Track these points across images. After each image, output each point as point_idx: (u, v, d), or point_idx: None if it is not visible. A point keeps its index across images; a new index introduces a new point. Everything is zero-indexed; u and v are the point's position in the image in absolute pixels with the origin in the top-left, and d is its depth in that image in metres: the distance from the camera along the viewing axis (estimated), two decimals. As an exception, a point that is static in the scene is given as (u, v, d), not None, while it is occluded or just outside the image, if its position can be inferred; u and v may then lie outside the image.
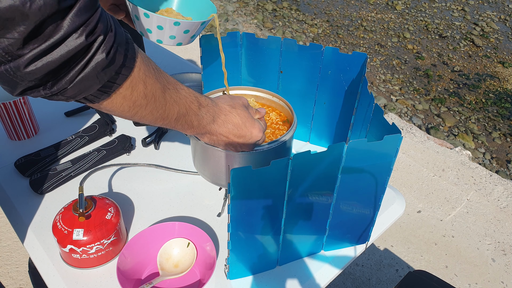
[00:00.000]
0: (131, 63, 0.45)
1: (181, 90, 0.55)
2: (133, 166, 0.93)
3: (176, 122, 0.56)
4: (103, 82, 0.42)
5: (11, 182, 0.88)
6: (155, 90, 0.50)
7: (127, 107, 0.48)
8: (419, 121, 3.32)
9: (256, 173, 0.56)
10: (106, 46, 0.40)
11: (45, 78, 0.39)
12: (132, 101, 0.47)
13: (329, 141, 1.00)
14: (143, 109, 0.50)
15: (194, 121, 0.59)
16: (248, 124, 0.65)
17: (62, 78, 0.39)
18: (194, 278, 0.70)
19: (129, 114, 0.50)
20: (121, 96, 0.46)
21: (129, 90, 0.46)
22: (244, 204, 0.60)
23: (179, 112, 0.55)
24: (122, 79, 0.45)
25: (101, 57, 0.40)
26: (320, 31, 4.53)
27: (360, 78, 0.83)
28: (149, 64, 0.49)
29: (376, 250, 1.85)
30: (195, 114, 0.58)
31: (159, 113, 0.52)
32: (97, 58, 0.40)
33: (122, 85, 0.45)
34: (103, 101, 0.45)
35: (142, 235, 0.71)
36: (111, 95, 0.45)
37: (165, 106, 0.52)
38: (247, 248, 0.67)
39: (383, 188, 0.68)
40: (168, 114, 0.54)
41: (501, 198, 2.15)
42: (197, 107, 0.58)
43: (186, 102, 0.56)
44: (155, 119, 0.53)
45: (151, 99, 0.50)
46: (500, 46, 4.52)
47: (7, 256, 1.69)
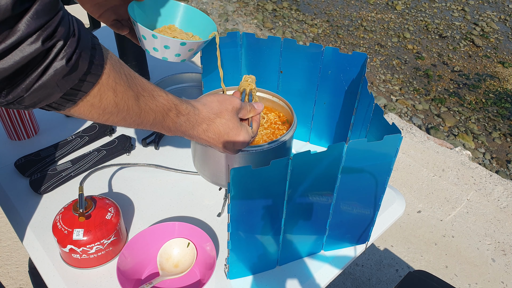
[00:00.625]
0: (98, 70, 0.42)
1: (158, 97, 0.52)
2: (133, 166, 0.93)
3: (152, 126, 0.54)
4: (64, 90, 0.39)
5: (11, 182, 0.88)
6: (127, 98, 0.46)
7: (96, 114, 0.45)
8: (419, 121, 3.32)
9: (256, 173, 0.56)
10: (66, 52, 0.37)
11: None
12: (102, 108, 0.44)
13: (329, 141, 1.00)
14: (115, 116, 0.47)
15: (172, 127, 0.56)
16: (232, 133, 0.63)
17: (18, 86, 0.36)
18: (194, 278, 0.70)
19: (100, 120, 0.47)
20: (88, 104, 0.43)
21: (97, 98, 0.43)
22: (244, 204, 0.60)
23: (155, 119, 0.53)
24: (88, 87, 0.41)
25: (60, 64, 0.37)
26: (320, 31, 4.53)
27: (360, 78, 0.83)
28: (121, 69, 0.46)
29: (376, 250, 1.85)
30: (172, 121, 0.55)
31: (133, 120, 0.50)
32: (56, 65, 0.37)
33: (89, 93, 0.42)
34: (70, 108, 0.42)
35: (142, 235, 0.71)
36: (77, 103, 0.42)
37: (139, 114, 0.50)
38: (247, 248, 0.67)
39: (383, 188, 0.68)
40: (143, 121, 0.51)
41: (501, 198, 2.15)
42: (175, 115, 0.55)
43: (163, 109, 0.53)
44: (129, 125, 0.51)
45: (123, 107, 0.47)
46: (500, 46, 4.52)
47: (7, 256, 1.69)
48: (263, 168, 0.56)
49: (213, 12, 4.66)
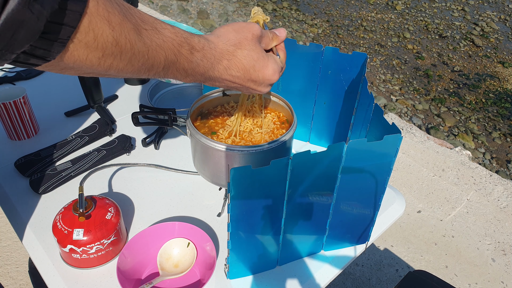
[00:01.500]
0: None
1: (163, 30, 0.43)
2: (133, 166, 0.93)
3: (165, 71, 0.46)
4: (42, 19, 0.31)
5: (11, 182, 0.88)
6: (127, 31, 0.38)
7: (95, 59, 0.37)
8: (419, 121, 3.32)
9: (256, 172, 0.56)
10: None
11: None
12: (100, 49, 0.36)
13: (329, 141, 1.00)
14: (118, 59, 0.39)
15: (188, 69, 0.48)
16: (258, 65, 0.54)
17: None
18: (194, 278, 0.70)
19: (102, 69, 0.39)
20: (82, 45, 0.35)
21: (91, 35, 0.35)
22: (244, 204, 0.60)
23: (166, 59, 0.44)
24: (75, 18, 0.33)
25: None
26: (320, 31, 4.53)
27: (360, 78, 0.83)
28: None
29: (376, 250, 1.85)
30: (187, 60, 0.47)
31: (141, 63, 0.42)
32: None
33: (78, 28, 0.34)
34: (61, 55, 0.34)
35: (142, 235, 0.71)
36: (67, 44, 0.34)
37: (147, 53, 0.41)
38: (247, 248, 0.67)
39: (383, 188, 0.68)
40: (153, 64, 0.43)
41: (501, 198, 2.15)
42: (189, 51, 0.46)
43: (173, 45, 0.44)
44: (138, 71, 0.42)
45: (125, 45, 0.38)
46: (500, 46, 4.52)
47: (7, 256, 1.69)
48: (263, 168, 0.56)
49: (213, 12, 4.66)
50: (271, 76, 0.57)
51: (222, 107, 0.87)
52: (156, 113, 0.88)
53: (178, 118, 0.87)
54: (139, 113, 0.87)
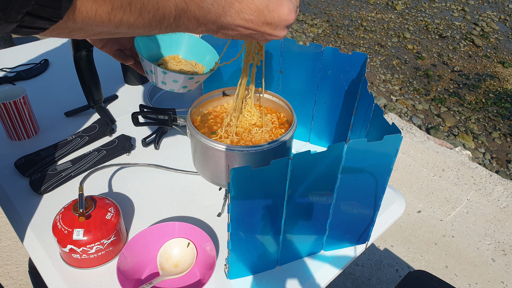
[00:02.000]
0: None
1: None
2: (133, 166, 0.93)
3: (176, 22, 0.44)
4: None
5: (11, 182, 0.88)
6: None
7: (105, 13, 0.35)
8: (419, 121, 3.32)
9: (256, 172, 0.56)
10: None
11: None
12: (109, 2, 0.35)
13: (329, 141, 1.00)
14: (128, 12, 0.37)
15: (199, 16, 0.46)
16: (272, 5, 0.52)
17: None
18: (194, 278, 0.70)
19: (112, 25, 0.37)
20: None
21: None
22: (244, 204, 0.60)
23: (177, 7, 0.42)
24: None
25: None
26: (320, 31, 4.53)
27: (360, 78, 0.83)
28: None
29: (376, 250, 1.85)
30: (198, 7, 0.45)
31: (152, 14, 0.40)
32: None
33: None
34: (68, 13, 0.33)
35: (142, 235, 0.71)
36: (73, 1, 0.33)
37: (157, 2, 0.40)
38: (247, 248, 0.67)
39: (383, 188, 0.68)
40: (164, 14, 0.41)
41: (501, 198, 2.15)
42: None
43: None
44: (149, 25, 0.41)
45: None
46: (500, 46, 4.53)
47: (7, 256, 1.69)
48: (263, 168, 0.56)
49: (213, 12, 4.66)
50: (287, 15, 0.53)
51: (222, 107, 0.87)
52: (156, 113, 0.88)
53: (178, 118, 0.87)
54: (139, 113, 0.87)
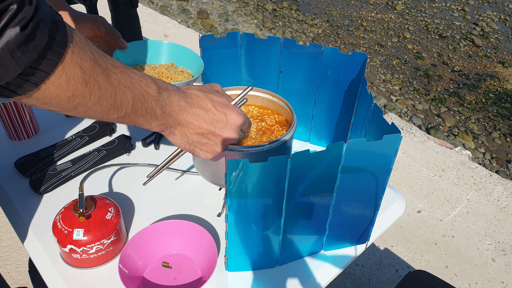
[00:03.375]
0: (61, 47, 0.38)
1: (132, 74, 0.47)
2: (133, 166, 0.93)
3: (134, 113, 0.48)
4: (21, 65, 0.35)
5: (11, 182, 0.88)
6: (96, 74, 0.42)
7: (65, 97, 0.40)
8: (419, 121, 3.32)
9: (254, 167, 0.56)
10: (21, 19, 0.33)
11: None
12: (71, 90, 0.40)
13: (329, 141, 1.00)
14: (87, 99, 0.42)
15: (157, 109, 0.50)
16: (219, 106, 0.56)
17: None
18: (195, 275, 0.71)
19: (70, 106, 0.42)
20: (54, 86, 0.39)
21: (64, 78, 0.39)
22: (242, 198, 0.60)
23: (134, 99, 0.47)
24: (51, 66, 0.37)
25: (14, 31, 0.33)
26: (320, 31, 4.53)
27: (360, 78, 0.83)
28: (86, 47, 0.41)
29: (376, 250, 1.85)
30: (155, 99, 0.49)
31: (110, 103, 0.44)
32: (10, 32, 0.33)
33: (52, 73, 0.38)
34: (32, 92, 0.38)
35: (144, 233, 0.71)
36: (39, 86, 0.38)
37: (114, 93, 0.44)
38: (246, 242, 0.68)
39: (383, 188, 0.68)
40: (122, 103, 0.46)
41: (501, 198, 2.15)
42: (156, 91, 0.49)
43: (140, 86, 0.47)
44: (107, 111, 0.45)
45: (94, 86, 0.42)
46: (500, 46, 4.53)
47: (7, 256, 1.70)
48: (260, 164, 0.56)
49: (213, 12, 4.66)
50: (236, 116, 0.57)
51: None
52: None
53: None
54: (139, 113, 0.87)
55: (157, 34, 3.55)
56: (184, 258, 0.73)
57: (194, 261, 0.73)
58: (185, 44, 3.45)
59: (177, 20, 4.33)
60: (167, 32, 3.61)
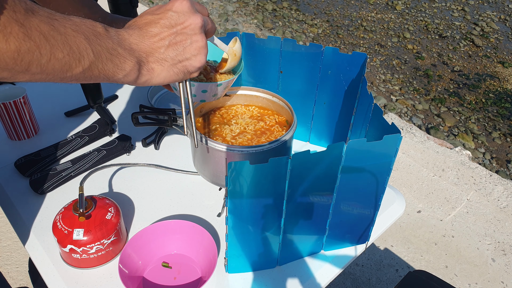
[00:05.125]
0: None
1: (72, 18, 0.42)
2: (133, 166, 0.93)
3: (98, 58, 0.43)
4: None
5: (11, 182, 0.88)
6: (38, 24, 0.37)
7: (9, 58, 0.36)
8: (419, 121, 3.32)
9: (254, 169, 0.56)
10: None
11: None
12: (14, 49, 0.36)
13: (329, 141, 1.00)
14: (38, 54, 0.38)
15: (117, 47, 0.45)
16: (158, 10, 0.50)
17: None
18: (195, 275, 0.71)
19: (21, 68, 0.37)
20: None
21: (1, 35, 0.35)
22: (242, 200, 0.60)
23: (89, 41, 0.42)
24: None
25: None
26: (320, 31, 4.53)
27: (360, 78, 0.83)
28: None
29: (376, 250, 1.85)
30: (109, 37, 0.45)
31: (65, 53, 0.40)
32: None
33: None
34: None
35: (144, 233, 0.71)
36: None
37: (66, 40, 0.40)
38: (246, 243, 0.67)
39: (383, 188, 0.68)
40: (79, 49, 0.41)
41: (501, 198, 2.15)
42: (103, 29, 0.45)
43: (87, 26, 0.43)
44: (68, 65, 0.41)
45: (39, 38, 0.37)
46: (500, 46, 4.53)
47: (7, 256, 1.70)
48: (261, 165, 0.56)
49: (213, 12, 4.66)
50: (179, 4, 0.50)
51: (222, 107, 0.87)
52: (156, 113, 0.88)
53: (178, 118, 0.87)
54: (139, 113, 0.87)
55: (157, 34, 3.54)
56: (184, 258, 0.73)
57: (194, 261, 0.73)
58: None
59: (177, 20, 4.32)
60: (167, 32, 3.60)
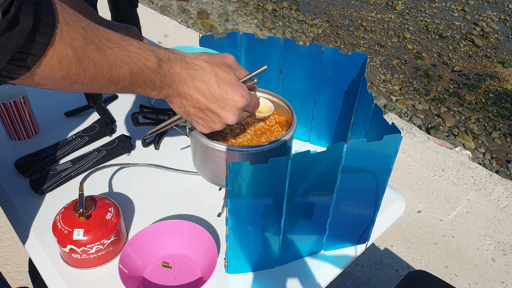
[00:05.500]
0: (49, 28, 0.36)
1: (129, 47, 0.46)
2: (133, 166, 0.93)
3: (132, 85, 0.48)
4: (9, 51, 0.34)
5: (11, 182, 0.88)
6: (90, 52, 0.41)
7: (59, 77, 0.40)
8: (419, 121, 3.32)
9: (254, 169, 0.56)
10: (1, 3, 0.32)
11: None
12: (64, 70, 0.39)
13: (329, 141, 1.00)
14: (83, 76, 0.41)
15: (156, 80, 0.49)
16: (222, 83, 0.54)
17: None
18: (195, 275, 0.71)
19: (66, 84, 0.41)
20: (47, 68, 0.38)
21: (55, 59, 0.38)
22: (242, 200, 0.60)
23: (131, 73, 0.46)
24: (41, 50, 0.36)
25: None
26: (320, 31, 4.53)
27: (360, 78, 0.83)
28: (77, 23, 0.40)
29: (376, 250, 1.85)
30: (154, 72, 0.48)
31: (106, 78, 0.44)
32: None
33: (44, 56, 0.37)
34: (25, 76, 0.38)
35: (144, 233, 0.71)
36: (32, 69, 0.37)
37: (111, 69, 0.44)
38: (246, 244, 0.67)
39: (383, 188, 0.68)
40: (119, 78, 0.45)
41: (501, 198, 2.15)
42: (156, 63, 0.48)
43: (139, 59, 0.46)
44: (104, 86, 0.45)
45: (88, 64, 0.41)
46: (500, 46, 4.53)
47: (7, 256, 1.69)
48: (261, 166, 0.56)
49: (213, 12, 4.66)
50: (239, 97, 0.55)
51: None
52: (156, 113, 0.88)
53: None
54: (139, 113, 0.87)
55: (157, 34, 3.54)
56: (184, 258, 0.73)
57: (194, 261, 0.73)
58: (185, 44, 3.45)
59: (177, 20, 4.33)
60: (167, 32, 3.61)
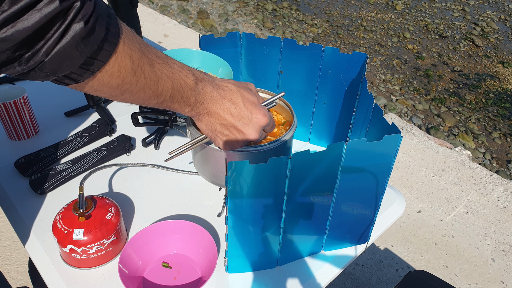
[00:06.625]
0: (115, 38, 0.42)
1: (173, 65, 0.52)
2: (133, 166, 0.93)
3: (171, 100, 0.54)
4: (84, 56, 0.40)
5: (11, 182, 0.88)
6: (143, 64, 0.47)
7: (115, 84, 0.45)
8: (419, 121, 3.32)
9: (254, 169, 0.56)
10: (84, 14, 0.38)
11: (19, 50, 0.36)
12: (121, 78, 0.45)
13: (329, 141, 1.00)
14: (134, 86, 0.47)
15: (191, 97, 0.55)
16: (248, 103, 0.60)
17: (39, 51, 0.37)
18: (195, 275, 0.71)
19: (118, 92, 0.47)
20: (107, 74, 0.44)
21: (116, 67, 0.44)
22: (242, 199, 0.60)
23: (173, 88, 0.52)
24: (106, 56, 0.42)
25: (79, 26, 0.37)
26: (320, 31, 4.53)
27: (360, 78, 0.83)
28: (134, 38, 0.46)
29: (376, 250, 1.85)
30: (191, 89, 0.55)
31: (152, 90, 0.50)
32: (75, 27, 0.37)
33: (107, 62, 0.43)
34: (88, 80, 0.43)
35: (144, 233, 0.71)
36: (95, 73, 0.43)
37: (157, 82, 0.50)
38: (246, 243, 0.67)
39: (383, 188, 0.68)
40: (162, 91, 0.51)
41: (501, 198, 2.15)
42: (193, 81, 0.55)
43: (180, 76, 0.53)
44: (148, 98, 0.51)
45: (140, 75, 0.47)
46: (500, 46, 4.53)
47: (7, 256, 1.69)
48: (261, 165, 0.56)
49: (213, 12, 4.66)
50: (261, 116, 0.61)
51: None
52: (156, 113, 0.88)
53: (178, 118, 0.87)
54: (139, 113, 0.87)
55: (157, 34, 3.54)
56: (184, 258, 0.73)
57: (194, 261, 0.73)
58: (185, 44, 3.45)
59: (177, 20, 4.33)
60: (167, 32, 3.61)
